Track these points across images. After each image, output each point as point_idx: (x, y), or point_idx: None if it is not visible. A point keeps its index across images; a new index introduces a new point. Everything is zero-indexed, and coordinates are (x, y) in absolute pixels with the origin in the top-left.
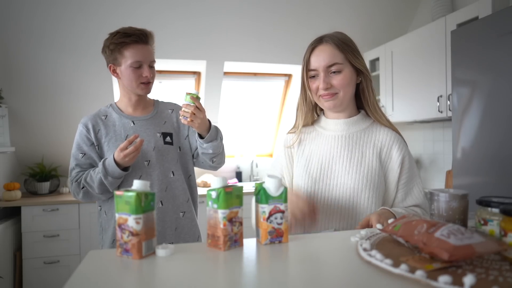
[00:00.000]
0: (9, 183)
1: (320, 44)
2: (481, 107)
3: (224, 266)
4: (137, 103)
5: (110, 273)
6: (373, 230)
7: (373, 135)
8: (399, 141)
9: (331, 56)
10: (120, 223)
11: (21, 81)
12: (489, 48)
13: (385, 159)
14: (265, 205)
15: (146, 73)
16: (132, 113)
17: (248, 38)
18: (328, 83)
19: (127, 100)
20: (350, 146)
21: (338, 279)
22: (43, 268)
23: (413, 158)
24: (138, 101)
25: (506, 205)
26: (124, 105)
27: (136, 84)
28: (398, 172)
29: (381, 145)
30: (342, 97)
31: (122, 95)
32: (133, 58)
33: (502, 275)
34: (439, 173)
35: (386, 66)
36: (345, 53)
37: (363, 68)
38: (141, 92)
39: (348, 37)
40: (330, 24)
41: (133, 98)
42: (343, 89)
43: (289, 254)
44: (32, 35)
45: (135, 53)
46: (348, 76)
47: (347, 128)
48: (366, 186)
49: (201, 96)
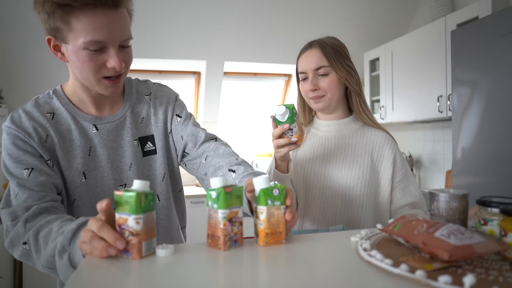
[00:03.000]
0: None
1: (309, 48)
2: (481, 107)
3: (224, 266)
4: (103, 97)
5: (110, 273)
6: (373, 230)
7: (365, 136)
8: (390, 141)
9: (318, 60)
10: (120, 223)
11: (21, 81)
12: (489, 48)
13: (377, 158)
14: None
15: (114, 62)
16: (95, 112)
17: (248, 38)
18: (315, 84)
19: (86, 93)
20: (342, 146)
21: (338, 279)
22: None
23: (403, 157)
24: (102, 97)
25: (506, 205)
26: (81, 99)
27: (95, 79)
28: (391, 169)
29: (373, 144)
30: (330, 99)
31: (73, 86)
32: (88, 35)
33: (502, 275)
34: (439, 173)
35: (386, 66)
36: (329, 59)
37: (346, 75)
38: (104, 92)
39: (338, 42)
40: (330, 24)
41: (94, 92)
42: (330, 91)
43: (289, 254)
44: (32, 35)
45: (92, 26)
46: (335, 79)
47: (339, 129)
48: (358, 184)
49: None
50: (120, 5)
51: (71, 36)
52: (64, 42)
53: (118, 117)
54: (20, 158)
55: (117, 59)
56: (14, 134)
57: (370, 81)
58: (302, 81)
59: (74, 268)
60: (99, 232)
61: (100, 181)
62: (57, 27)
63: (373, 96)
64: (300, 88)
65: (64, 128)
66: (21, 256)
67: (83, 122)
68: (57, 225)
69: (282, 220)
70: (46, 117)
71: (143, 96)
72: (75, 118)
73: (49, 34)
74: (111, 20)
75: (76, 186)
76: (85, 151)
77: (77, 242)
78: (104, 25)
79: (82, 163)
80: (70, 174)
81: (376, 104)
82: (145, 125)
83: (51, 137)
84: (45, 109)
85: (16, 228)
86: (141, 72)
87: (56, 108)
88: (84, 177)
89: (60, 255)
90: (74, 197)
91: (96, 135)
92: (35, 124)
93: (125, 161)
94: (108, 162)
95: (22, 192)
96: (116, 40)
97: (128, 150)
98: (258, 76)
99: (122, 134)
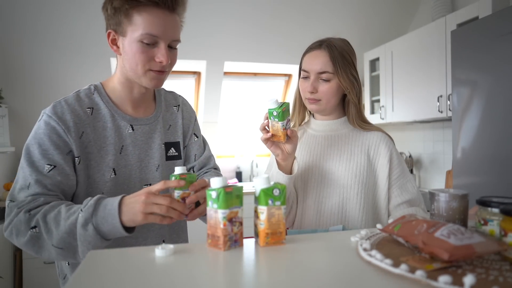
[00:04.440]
0: (9, 183)
1: (318, 49)
2: (481, 107)
3: (224, 266)
4: (141, 99)
5: (110, 273)
6: (373, 230)
7: (361, 135)
8: (386, 139)
9: (323, 64)
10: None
11: (21, 81)
12: (489, 48)
13: (374, 156)
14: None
15: (162, 56)
16: (132, 113)
17: (248, 38)
18: (315, 87)
19: (126, 92)
20: (339, 145)
21: (338, 279)
22: (43, 268)
23: (400, 154)
24: (143, 96)
25: (506, 205)
26: (120, 97)
27: (142, 71)
28: (388, 167)
29: (369, 143)
30: (325, 105)
31: (118, 82)
32: (146, 28)
33: (502, 275)
34: (439, 173)
35: (386, 66)
36: (336, 66)
37: (348, 84)
38: (149, 84)
39: (348, 48)
40: (330, 24)
41: (136, 91)
42: (326, 98)
43: (289, 254)
44: (32, 35)
45: (150, 22)
46: (335, 87)
47: (336, 128)
48: (355, 183)
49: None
50: (176, 10)
51: (130, 29)
52: (122, 35)
53: (152, 121)
54: (49, 152)
55: (165, 54)
56: (52, 125)
57: (370, 81)
58: (303, 79)
59: (100, 236)
60: (171, 204)
61: (128, 179)
62: (120, 21)
63: (373, 96)
64: (300, 85)
65: (101, 124)
66: (28, 242)
67: (121, 121)
68: (64, 207)
69: (283, 220)
70: (86, 113)
71: (171, 106)
72: (113, 116)
73: (111, 29)
74: (166, 19)
75: (106, 181)
76: (117, 149)
77: (99, 214)
78: (160, 22)
79: (113, 160)
80: (101, 169)
81: (376, 104)
82: (171, 132)
83: (86, 134)
84: (86, 104)
85: (19, 217)
86: None
87: (96, 104)
88: (114, 173)
89: (84, 228)
90: (103, 191)
91: (130, 135)
92: (76, 119)
93: (153, 162)
94: (138, 161)
95: (36, 186)
96: (167, 37)
97: (157, 153)
98: (258, 76)
99: (153, 137)
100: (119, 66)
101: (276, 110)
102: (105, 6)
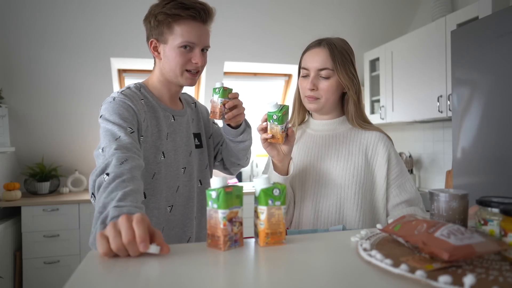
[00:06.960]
0: (9, 183)
1: (318, 47)
2: (481, 107)
3: (224, 266)
4: (175, 95)
5: (110, 273)
6: (373, 230)
7: (359, 134)
8: (384, 139)
9: (323, 61)
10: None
11: (21, 81)
12: (489, 48)
13: (372, 156)
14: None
15: (197, 59)
16: (170, 106)
17: (248, 38)
18: (315, 84)
19: (165, 89)
20: (337, 145)
21: (338, 279)
22: (43, 268)
23: (398, 154)
24: (177, 93)
25: (506, 205)
26: (160, 93)
27: (180, 71)
28: (386, 166)
29: (367, 143)
30: (324, 103)
31: (158, 81)
32: (184, 37)
33: (502, 275)
34: (439, 173)
35: (386, 66)
36: (335, 63)
37: (348, 81)
38: (185, 82)
39: (347, 47)
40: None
41: (173, 89)
42: (325, 95)
43: (289, 254)
44: (32, 35)
45: (189, 32)
46: (335, 84)
47: (334, 128)
48: (353, 182)
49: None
50: (207, 23)
51: (171, 38)
52: (164, 43)
53: (184, 113)
54: (128, 120)
55: (200, 57)
56: (128, 104)
57: (370, 81)
58: (302, 77)
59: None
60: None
61: (174, 161)
62: (162, 31)
63: (373, 96)
64: (299, 84)
65: (152, 114)
66: (97, 186)
67: (165, 112)
68: (121, 192)
69: (283, 220)
70: (141, 103)
71: (190, 103)
72: (160, 107)
73: (153, 38)
74: (201, 30)
75: (157, 162)
76: (165, 135)
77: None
78: (196, 32)
79: (163, 144)
80: (154, 152)
81: (376, 104)
82: (194, 125)
83: (146, 120)
84: (139, 96)
85: (113, 153)
86: (142, 72)
87: (145, 96)
88: (163, 156)
89: (96, 220)
90: (155, 171)
91: (173, 124)
92: (139, 106)
93: (189, 148)
94: (180, 146)
95: (127, 138)
96: (201, 44)
97: (191, 140)
98: (258, 76)
99: (188, 127)
100: (158, 68)
101: (276, 114)
102: (148, 19)
